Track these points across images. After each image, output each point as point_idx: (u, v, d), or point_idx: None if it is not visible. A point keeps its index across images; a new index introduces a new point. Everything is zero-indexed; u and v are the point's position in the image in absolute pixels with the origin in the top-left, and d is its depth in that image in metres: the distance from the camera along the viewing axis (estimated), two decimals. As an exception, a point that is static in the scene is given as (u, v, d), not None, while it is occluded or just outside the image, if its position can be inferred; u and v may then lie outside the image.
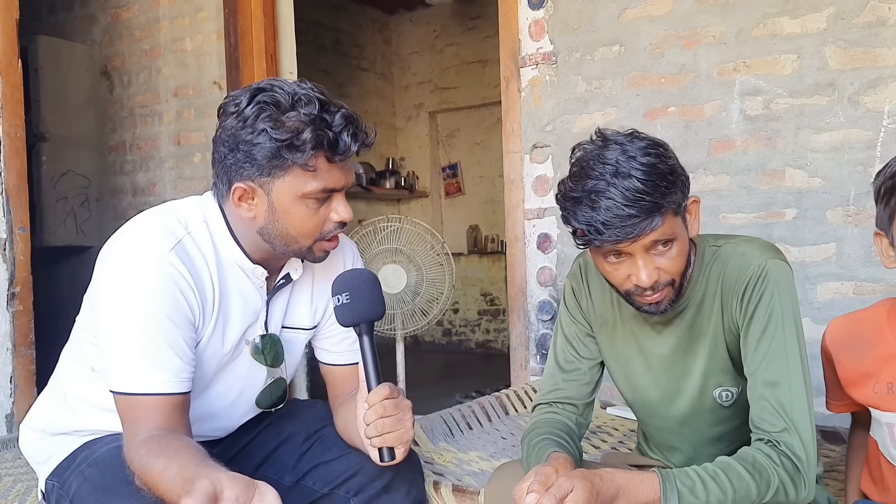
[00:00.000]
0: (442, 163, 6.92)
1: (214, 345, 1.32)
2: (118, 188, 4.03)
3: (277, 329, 1.43)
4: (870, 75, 2.17)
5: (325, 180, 1.24)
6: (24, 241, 2.61)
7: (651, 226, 1.10)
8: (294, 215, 1.26)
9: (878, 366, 1.18)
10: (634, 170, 1.10)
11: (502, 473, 1.37)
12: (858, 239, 2.20)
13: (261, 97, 1.21)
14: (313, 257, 1.34)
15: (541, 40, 2.71)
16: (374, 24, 6.82)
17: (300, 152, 1.19)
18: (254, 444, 1.50)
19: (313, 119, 1.19)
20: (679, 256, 1.17)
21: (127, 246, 1.24)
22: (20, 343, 2.58)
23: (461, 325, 6.62)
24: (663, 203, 1.11)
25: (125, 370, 1.19)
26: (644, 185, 1.09)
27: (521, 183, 2.77)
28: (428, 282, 3.34)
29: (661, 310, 1.21)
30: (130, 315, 1.19)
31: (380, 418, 1.18)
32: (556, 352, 1.45)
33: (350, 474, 1.41)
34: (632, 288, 1.18)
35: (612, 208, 1.08)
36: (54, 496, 1.35)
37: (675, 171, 1.15)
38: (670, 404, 1.35)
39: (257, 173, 1.23)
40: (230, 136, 1.22)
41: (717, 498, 1.09)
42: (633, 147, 1.13)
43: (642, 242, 1.12)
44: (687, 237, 1.20)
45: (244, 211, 1.27)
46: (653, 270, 1.15)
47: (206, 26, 3.59)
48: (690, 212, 1.22)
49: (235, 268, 1.33)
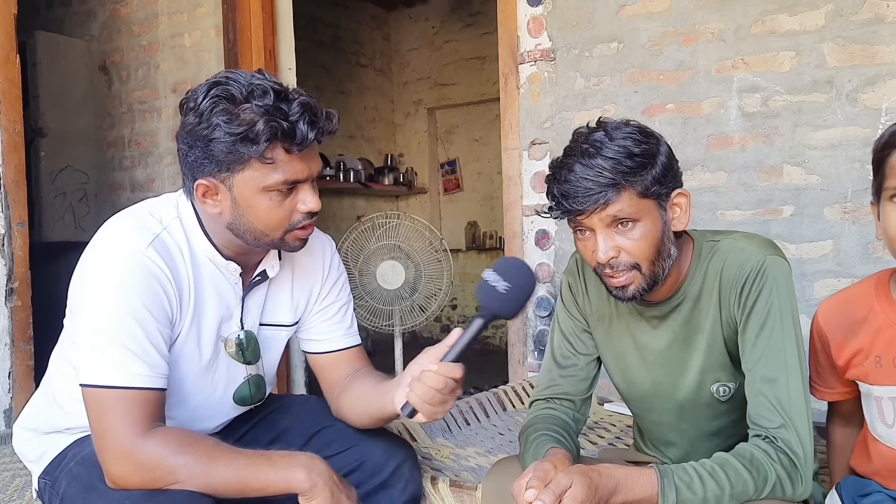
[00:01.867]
0: (441, 159, 6.91)
1: (191, 342, 1.31)
2: (117, 184, 4.03)
3: (254, 326, 1.42)
4: (868, 72, 2.17)
5: (286, 172, 1.21)
6: (23, 236, 2.61)
7: (605, 199, 1.14)
8: (258, 209, 1.24)
9: (870, 340, 1.20)
10: (605, 148, 1.16)
11: (500, 469, 1.37)
12: (856, 236, 2.20)
13: (215, 91, 1.19)
14: (289, 247, 1.32)
15: (539, 37, 2.71)
16: (373, 20, 6.80)
17: (255, 144, 1.17)
18: (248, 439, 1.50)
19: (268, 110, 1.17)
20: (643, 240, 1.18)
21: (105, 243, 1.24)
22: (18, 338, 2.58)
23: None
24: (622, 181, 1.14)
25: (110, 363, 1.18)
26: (605, 161, 1.15)
27: (520, 179, 2.77)
28: (426, 278, 3.35)
29: (628, 296, 1.22)
30: (111, 308, 1.18)
31: (433, 387, 1.17)
32: (552, 348, 1.46)
33: (348, 470, 1.41)
34: (596, 266, 1.22)
35: (571, 180, 1.16)
36: (47, 494, 1.35)
37: (648, 155, 1.17)
38: (667, 399, 1.35)
39: (216, 169, 1.21)
40: (189, 133, 1.21)
41: (714, 494, 1.09)
42: (617, 132, 1.18)
43: (600, 216, 1.16)
44: (662, 226, 1.20)
45: (209, 207, 1.26)
46: (610, 247, 1.18)
47: (205, 22, 3.58)
48: (679, 205, 1.22)
49: (209, 263, 1.33)
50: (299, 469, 1.21)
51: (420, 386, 1.17)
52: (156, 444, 1.16)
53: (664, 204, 1.20)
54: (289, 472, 1.20)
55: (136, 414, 1.17)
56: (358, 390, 1.43)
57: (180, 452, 1.16)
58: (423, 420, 1.20)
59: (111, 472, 1.16)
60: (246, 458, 1.20)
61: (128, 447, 1.15)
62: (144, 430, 1.16)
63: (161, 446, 1.16)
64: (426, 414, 1.19)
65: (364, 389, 1.41)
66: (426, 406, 1.18)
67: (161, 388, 1.21)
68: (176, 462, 1.15)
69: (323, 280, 1.50)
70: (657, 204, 1.19)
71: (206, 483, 1.16)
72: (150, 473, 1.15)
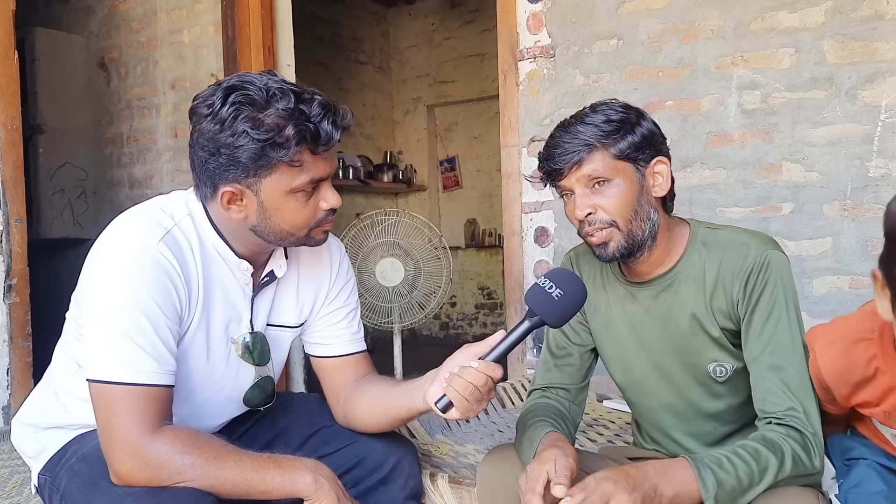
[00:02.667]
0: (440, 156, 6.90)
1: (199, 339, 1.31)
2: (115, 181, 4.02)
3: (262, 327, 1.42)
4: (867, 69, 2.17)
5: (311, 172, 1.23)
6: (21, 233, 2.61)
7: (578, 157, 1.24)
8: (285, 210, 1.25)
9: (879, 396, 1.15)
10: (586, 117, 1.27)
11: (495, 457, 1.38)
12: (855, 233, 2.20)
13: (234, 97, 1.18)
14: (314, 242, 1.34)
15: (539, 34, 2.70)
16: (372, 17, 6.79)
17: (285, 149, 1.17)
18: (248, 437, 1.49)
19: (292, 113, 1.17)
20: (618, 198, 1.26)
21: (116, 237, 1.23)
22: (17, 335, 2.58)
23: (458, 319, 6.63)
24: (596, 142, 1.24)
25: (119, 359, 1.18)
26: (583, 126, 1.25)
27: (519, 177, 2.76)
28: (425, 275, 3.35)
29: (609, 254, 1.28)
30: (121, 303, 1.18)
31: (473, 383, 1.17)
32: (548, 340, 1.49)
33: (348, 467, 1.41)
34: (578, 226, 1.30)
35: (551, 145, 1.28)
36: (47, 490, 1.35)
37: (626, 122, 1.26)
38: (664, 380, 1.37)
39: (243, 175, 1.21)
40: (209, 140, 1.19)
41: (743, 471, 1.10)
42: (601, 105, 1.28)
43: (577, 176, 1.26)
44: (638, 189, 1.27)
45: (234, 213, 1.26)
46: (586, 204, 1.26)
47: (204, 18, 3.57)
48: (660, 173, 1.29)
49: (219, 262, 1.32)
50: (306, 473, 1.22)
51: (460, 381, 1.17)
52: (163, 442, 1.16)
53: (642, 169, 1.27)
54: (295, 476, 1.21)
55: (145, 411, 1.16)
56: (374, 392, 1.42)
57: (187, 452, 1.16)
58: (455, 416, 1.19)
59: (118, 470, 1.16)
60: (253, 461, 1.20)
61: (136, 445, 1.15)
62: (153, 427, 1.16)
63: (169, 445, 1.16)
64: (461, 409, 1.18)
65: (381, 390, 1.41)
66: (463, 401, 1.17)
67: (169, 384, 1.21)
68: (183, 461, 1.15)
69: (330, 283, 1.50)
70: (634, 167, 1.27)
71: (212, 483, 1.16)
72: (157, 472, 1.15)
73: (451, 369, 1.21)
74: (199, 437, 1.21)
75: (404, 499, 1.44)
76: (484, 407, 1.20)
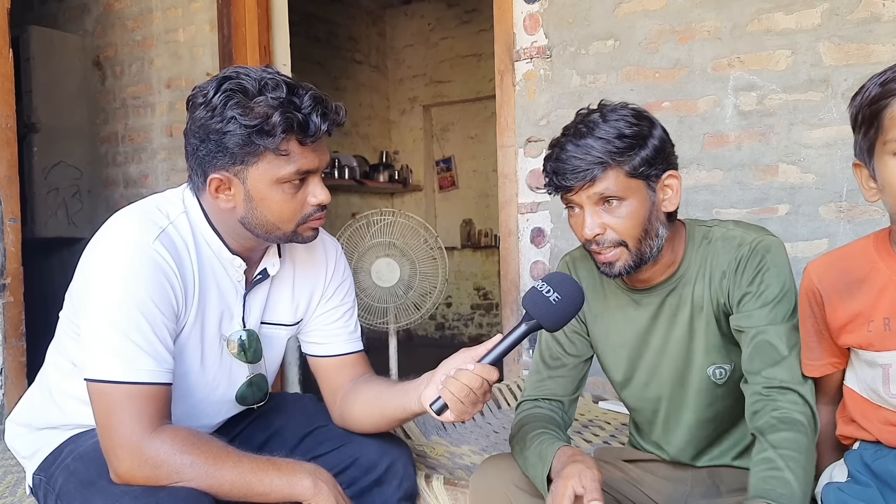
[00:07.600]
0: (436, 157, 6.90)
1: (194, 338, 1.31)
2: (110, 179, 4.00)
3: (256, 325, 1.42)
4: (863, 71, 2.17)
5: (299, 163, 1.23)
6: (15, 232, 2.60)
7: (591, 176, 1.19)
8: (271, 201, 1.25)
9: (873, 301, 1.12)
10: (597, 129, 1.20)
11: (489, 466, 1.37)
12: (851, 234, 2.20)
13: (227, 85, 1.20)
14: (302, 238, 1.33)
15: (535, 34, 2.70)
16: (368, 16, 6.79)
17: (271, 137, 1.19)
18: (243, 437, 1.49)
19: (282, 102, 1.19)
20: (629, 218, 1.22)
21: (112, 236, 1.23)
22: (11, 334, 2.57)
23: (454, 320, 6.62)
24: (610, 160, 1.18)
25: (117, 358, 1.17)
26: (595, 141, 1.19)
27: (515, 177, 2.76)
28: (421, 276, 3.34)
29: (615, 273, 1.25)
30: (118, 302, 1.18)
31: (469, 385, 1.16)
32: (541, 349, 1.47)
33: (343, 467, 1.41)
34: (585, 242, 1.26)
35: (562, 158, 1.21)
36: (42, 490, 1.34)
37: (639, 137, 1.20)
38: (665, 386, 1.36)
39: (230, 162, 1.22)
40: (200, 127, 1.22)
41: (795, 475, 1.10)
42: (612, 114, 1.22)
43: (588, 193, 1.21)
44: (650, 206, 1.23)
45: (222, 202, 1.27)
46: (596, 224, 1.22)
47: (200, 17, 3.56)
48: (670, 187, 1.26)
49: (213, 259, 1.33)
50: (305, 476, 1.22)
51: (455, 383, 1.17)
52: (163, 441, 1.16)
53: (653, 185, 1.23)
54: (294, 479, 1.21)
55: (144, 410, 1.17)
56: (371, 391, 1.42)
57: (187, 451, 1.16)
58: (450, 419, 1.19)
59: (118, 468, 1.16)
60: (252, 462, 1.20)
61: (135, 443, 1.15)
62: (152, 426, 1.16)
63: (168, 444, 1.16)
64: (456, 412, 1.18)
65: (379, 390, 1.41)
66: (458, 404, 1.17)
67: (167, 382, 1.21)
68: (182, 461, 1.15)
69: (326, 281, 1.50)
70: (646, 184, 1.22)
71: (210, 484, 1.16)
72: (156, 471, 1.15)
73: (446, 372, 1.21)
74: (199, 437, 1.21)
75: (399, 500, 1.44)
76: (479, 409, 1.20)
